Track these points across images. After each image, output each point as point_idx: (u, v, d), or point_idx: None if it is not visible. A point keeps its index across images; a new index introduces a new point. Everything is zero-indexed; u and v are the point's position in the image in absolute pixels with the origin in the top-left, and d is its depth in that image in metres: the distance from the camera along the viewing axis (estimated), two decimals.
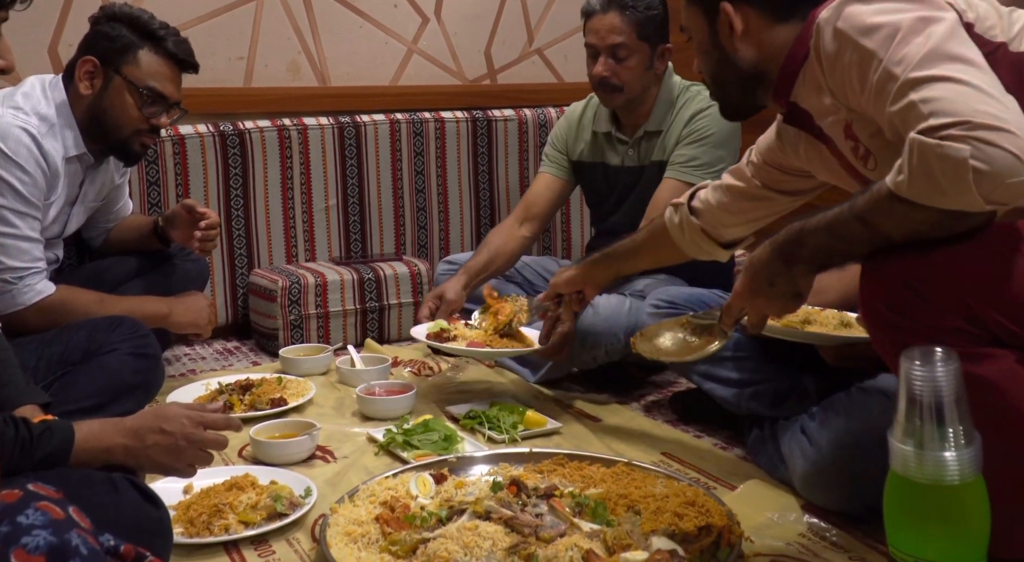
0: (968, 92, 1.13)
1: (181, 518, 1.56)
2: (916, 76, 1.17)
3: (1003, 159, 1.09)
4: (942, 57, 1.17)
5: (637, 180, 2.56)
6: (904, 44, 1.20)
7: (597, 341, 2.30)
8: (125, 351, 1.96)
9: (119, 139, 2.16)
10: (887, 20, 1.23)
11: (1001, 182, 1.10)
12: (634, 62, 2.42)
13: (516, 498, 1.58)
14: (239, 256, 2.95)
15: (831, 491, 1.61)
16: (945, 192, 1.13)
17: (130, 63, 2.12)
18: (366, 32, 3.21)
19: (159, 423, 1.39)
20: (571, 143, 2.67)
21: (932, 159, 1.12)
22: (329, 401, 2.29)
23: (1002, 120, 1.10)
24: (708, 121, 2.45)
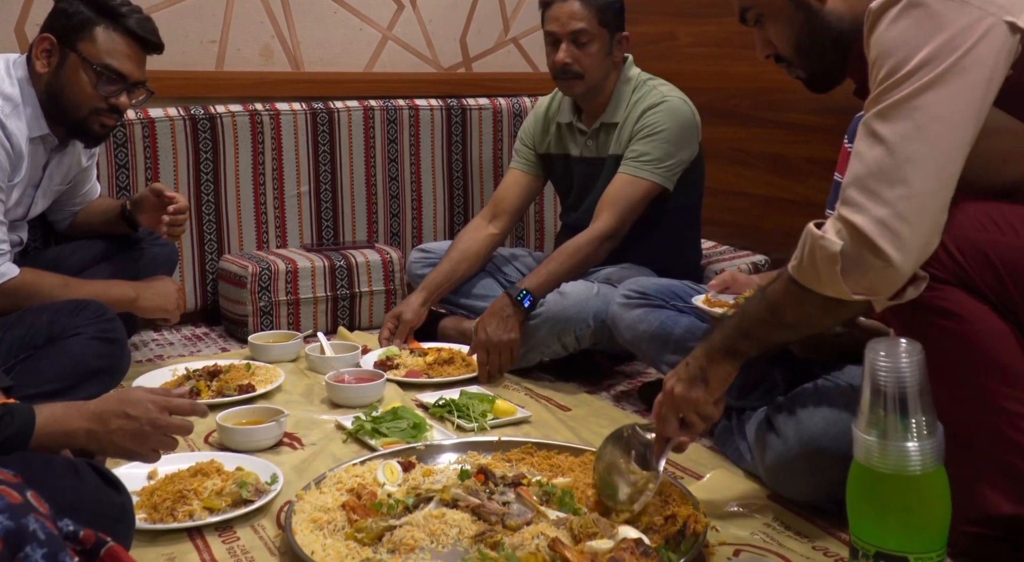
0: (889, 170, 1.16)
1: (145, 504, 1.54)
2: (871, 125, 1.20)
3: (866, 252, 1.16)
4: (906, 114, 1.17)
5: (597, 171, 2.57)
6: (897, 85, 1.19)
7: (567, 327, 2.30)
8: (89, 335, 1.93)
9: (77, 119, 2.11)
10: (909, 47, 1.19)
11: (863, 273, 1.17)
12: (595, 48, 2.44)
13: (483, 486, 1.58)
14: (209, 241, 2.93)
15: (796, 481, 1.62)
16: (821, 278, 1.21)
17: (86, 40, 2.06)
18: (341, 18, 3.18)
19: (123, 407, 1.37)
20: (539, 137, 2.70)
21: (814, 248, 1.20)
22: (298, 388, 2.27)
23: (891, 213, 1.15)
24: (659, 117, 2.45)
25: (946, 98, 1.18)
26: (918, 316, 1.28)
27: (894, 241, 1.15)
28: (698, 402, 1.43)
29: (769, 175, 2.98)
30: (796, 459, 1.60)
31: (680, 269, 2.50)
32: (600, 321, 2.28)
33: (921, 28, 1.20)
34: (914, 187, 1.16)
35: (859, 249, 1.16)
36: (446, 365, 2.36)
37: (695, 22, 3.11)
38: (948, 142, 1.17)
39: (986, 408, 1.23)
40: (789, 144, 2.91)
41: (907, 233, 1.15)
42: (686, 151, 2.48)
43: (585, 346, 2.36)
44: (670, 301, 2.20)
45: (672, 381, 1.46)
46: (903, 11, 1.22)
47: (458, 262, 2.64)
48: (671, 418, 1.46)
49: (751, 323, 1.37)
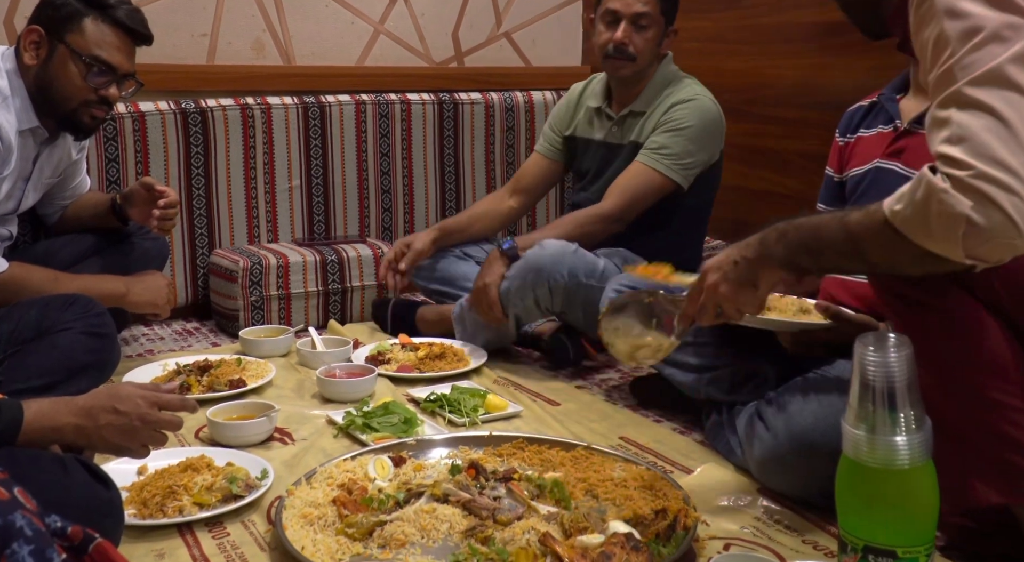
0: (1002, 135, 1.11)
1: (134, 499, 1.54)
2: (968, 94, 1.14)
3: (998, 220, 1.09)
4: (1003, 81, 1.12)
5: (615, 156, 2.60)
6: (978, 49, 1.14)
7: (540, 277, 2.33)
8: (78, 330, 1.92)
9: (66, 111, 2.10)
10: (977, 11, 1.15)
11: (987, 241, 1.11)
12: (651, 34, 2.50)
13: (474, 481, 1.58)
14: (200, 236, 2.92)
15: (786, 475, 1.62)
16: (933, 235, 1.14)
17: (74, 32, 2.05)
18: (332, 11, 3.17)
19: (113, 402, 1.37)
20: (567, 119, 2.75)
21: (933, 202, 1.13)
22: (289, 383, 2.27)
23: (1017, 178, 1.09)
24: (686, 113, 2.48)
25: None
26: (912, 310, 1.28)
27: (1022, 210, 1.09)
28: (745, 303, 1.41)
29: (761, 170, 2.98)
30: (786, 453, 1.61)
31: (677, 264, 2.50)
32: (573, 278, 2.32)
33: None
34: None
35: (990, 216, 1.09)
36: (437, 360, 2.36)
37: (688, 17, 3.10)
38: None
39: (977, 401, 1.23)
40: (781, 139, 2.91)
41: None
42: (706, 152, 2.50)
43: (556, 308, 2.38)
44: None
45: (716, 276, 1.41)
46: None
47: (476, 219, 2.75)
48: (709, 309, 1.44)
49: (822, 245, 1.30)
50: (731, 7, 2.96)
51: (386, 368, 2.32)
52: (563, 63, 3.57)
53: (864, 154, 1.85)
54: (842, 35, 2.49)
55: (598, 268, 2.36)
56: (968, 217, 1.10)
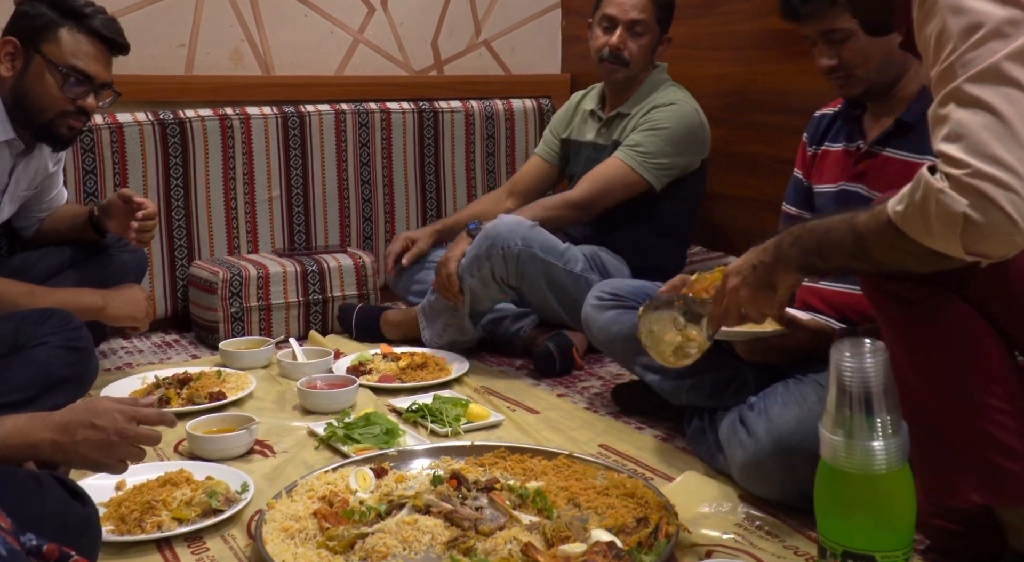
0: (1000, 132, 1.11)
1: (112, 515, 1.53)
2: (967, 90, 1.15)
3: (995, 217, 1.10)
4: (1002, 77, 1.13)
5: (600, 156, 2.65)
6: (978, 46, 1.15)
7: (493, 246, 2.37)
8: (55, 344, 1.91)
9: (43, 121, 2.08)
10: (979, 7, 1.16)
11: (986, 237, 1.11)
12: (646, 41, 2.58)
13: (456, 491, 1.57)
14: (179, 247, 2.90)
15: (768, 481, 1.63)
16: (932, 233, 1.15)
17: (50, 42, 2.04)
18: (311, 21, 3.16)
19: (90, 417, 1.35)
20: (565, 122, 2.84)
21: (931, 201, 1.14)
22: (270, 395, 2.26)
23: (1014, 174, 1.10)
24: (664, 114, 2.54)
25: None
26: (902, 309, 1.29)
27: (1020, 207, 1.10)
28: (765, 306, 1.43)
29: (738, 175, 2.99)
30: (767, 458, 1.61)
31: (657, 271, 2.52)
32: (528, 248, 2.36)
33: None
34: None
35: (987, 213, 1.10)
36: (419, 370, 2.35)
37: None
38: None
39: (963, 402, 1.24)
40: (757, 144, 2.92)
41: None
42: (683, 157, 2.55)
43: (512, 281, 2.41)
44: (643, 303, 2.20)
45: (736, 280, 1.44)
46: None
47: (473, 218, 2.76)
48: (732, 311, 1.47)
49: (832, 248, 1.31)
50: (706, 14, 2.98)
51: (367, 379, 2.31)
52: (543, 71, 3.58)
53: (830, 172, 1.88)
54: None
55: (558, 247, 2.42)
56: (965, 215, 1.10)
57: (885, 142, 1.77)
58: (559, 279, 2.40)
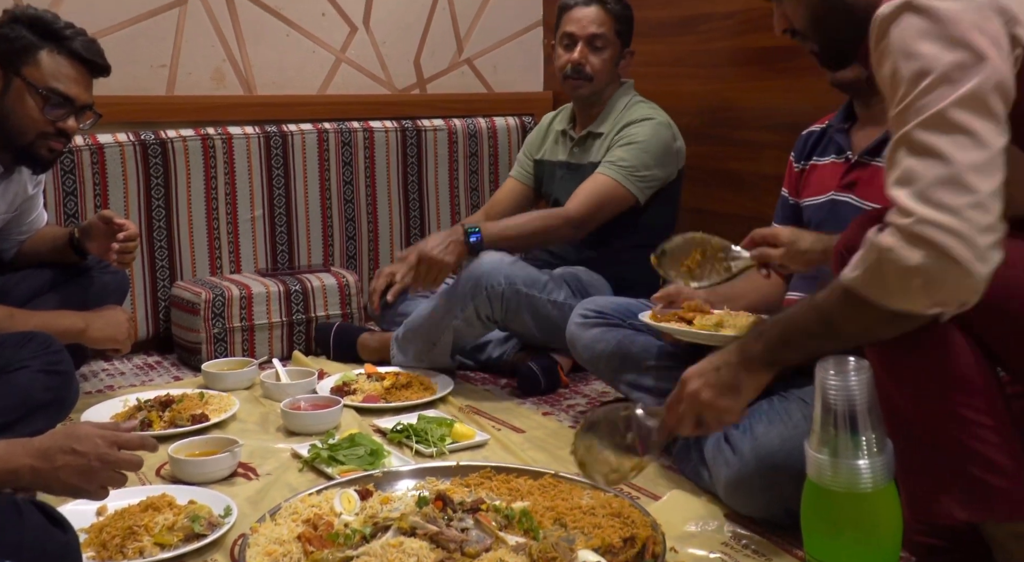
0: (946, 178, 1.13)
1: (93, 541, 1.51)
2: (916, 136, 1.16)
3: (947, 265, 1.11)
4: (949, 123, 1.15)
5: (578, 177, 2.65)
6: (928, 92, 1.17)
7: (479, 284, 2.36)
8: (36, 368, 1.89)
9: (23, 144, 2.07)
10: (928, 52, 1.18)
11: (942, 287, 1.13)
12: (607, 55, 2.60)
13: (442, 513, 1.56)
14: (161, 268, 2.88)
15: (753, 499, 1.62)
16: (892, 293, 1.16)
17: (30, 65, 2.03)
18: (293, 40, 3.17)
19: (70, 443, 1.34)
20: (537, 143, 2.86)
21: (884, 260, 1.15)
22: (253, 416, 2.24)
23: (963, 222, 1.12)
24: (640, 129, 2.57)
25: (986, 104, 1.16)
26: None
27: (973, 250, 1.11)
28: (727, 410, 1.39)
29: (721, 191, 3.01)
30: (752, 476, 1.61)
31: (638, 286, 2.53)
32: (511, 285, 2.36)
33: (943, 33, 1.18)
34: (980, 193, 1.13)
35: (938, 261, 1.12)
36: (404, 389, 2.34)
37: (645, 42, 3.13)
38: (996, 145, 1.16)
39: (946, 417, 1.24)
40: (740, 160, 2.94)
41: (981, 240, 1.12)
42: (663, 169, 2.57)
43: (498, 316, 2.40)
44: (627, 320, 2.20)
45: (698, 383, 1.40)
46: (914, 17, 1.20)
47: None
48: (689, 419, 1.42)
49: (797, 334, 1.32)
50: (687, 31, 3.00)
51: (352, 399, 2.30)
52: (525, 89, 3.59)
53: (819, 184, 1.89)
54: (797, 58, 2.53)
55: (539, 279, 2.42)
56: (919, 267, 1.12)
57: (875, 152, 1.78)
58: (544, 311, 2.39)
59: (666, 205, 2.62)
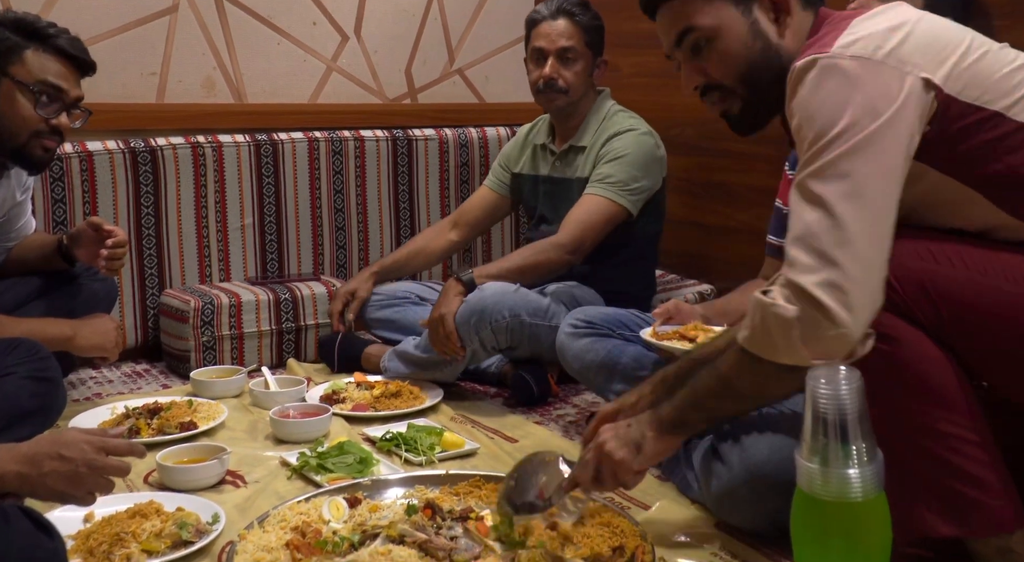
0: (829, 229, 1.18)
1: (80, 548, 1.49)
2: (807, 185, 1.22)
3: (819, 315, 1.17)
4: (838, 175, 1.20)
5: (562, 192, 2.66)
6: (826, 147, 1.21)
7: (483, 318, 2.32)
8: (22, 374, 1.87)
9: (17, 145, 2.05)
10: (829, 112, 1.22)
11: (817, 337, 1.18)
12: (579, 67, 2.59)
13: (431, 521, 1.56)
14: (150, 276, 2.87)
15: (742, 509, 1.62)
16: (777, 347, 1.21)
17: (16, 64, 2.02)
18: (284, 49, 3.17)
19: (57, 449, 1.34)
20: (515, 156, 2.83)
21: (768, 316, 1.21)
22: (242, 424, 2.23)
23: (840, 274, 1.17)
24: (623, 143, 2.55)
25: (876, 158, 1.20)
26: None
27: (845, 302, 1.16)
28: (621, 465, 1.41)
29: (712, 203, 3.02)
30: (741, 487, 1.61)
31: (629, 298, 2.53)
32: (516, 317, 2.33)
33: (842, 91, 1.23)
34: (858, 247, 1.17)
35: (812, 313, 1.17)
36: (393, 398, 2.34)
37: (636, 53, 3.15)
38: (883, 199, 1.21)
39: (923, 431, 1.25)
40: (732, 172, 2.95)
41: (856, 293, 1.17)
42: (649, 179, 2.57)
43: (503, 346, 2.39)
44: (617, 330, 2.20)
45: (609, 433, 1.42)
46: (822, 74, 1.24)
47: (414, 254, 2.83)
48: (589, 468, 1.43)
49: (702, 395, 1.36)
50: None
51: (341, 407, 2.29)
52: (516, 99, 3.60)
53: None
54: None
55: (542, 307, 2.39)
56: (796, 320, 1.17)
57: None
58: (548, 337, 2.36)
59: (653, 215, 2.63)
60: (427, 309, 2.64)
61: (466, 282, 2.40)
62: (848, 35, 1.27)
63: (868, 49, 1.24)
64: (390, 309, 2.69)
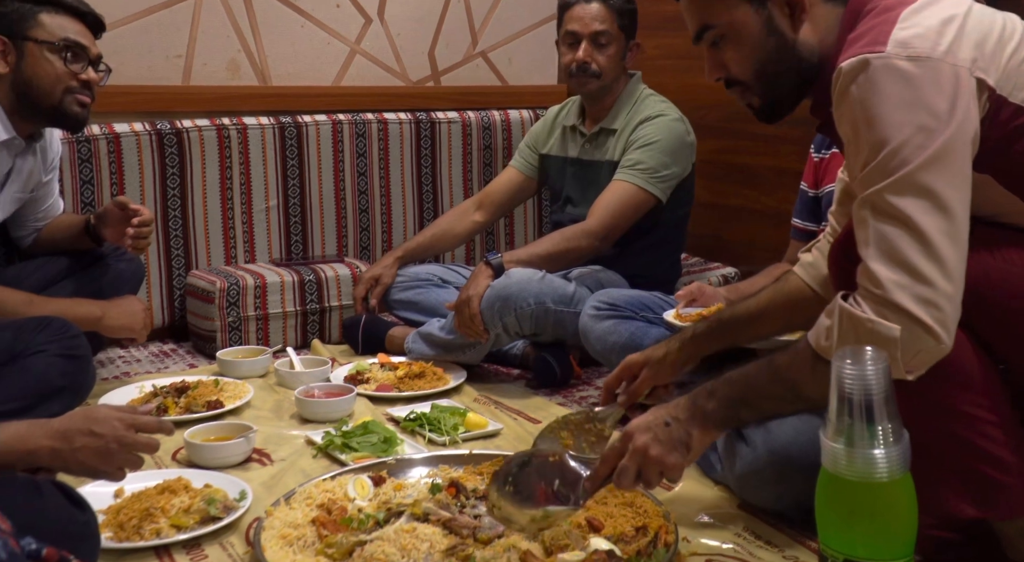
0: (916, 245, 1.15)
1: (111, 522, 1.52)
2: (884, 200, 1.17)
3: (922, 335, 1.15)
4: (917, 189, 1.16)
5: (591, 174, 2.65)
6: (892, 157, 1.17)
7: (507, 305, 2.32)
8: (53, 352, 1.90)
9: (52, 104, 2.11)
10: (893, 119, 1.17)
11: (916, 355, 1.16)
12: (612, 50, 2.57)
13: (455, 500, 1.57)
14: (176, 257, 2.90)
15: (766, 490, 1.63)
16: None
17: (34, 27, 2.09)
18: (308, 31, 3.17)
19: (89, 425, 1.35)
20: (543, 137, 2.82)
21: (864, 332, 1.17)
22: (267, 404, 2.25)
23: (933, 291, 1.14)
24: (653, 129, 2.54)
25: (950, 168, 1.16)
26: None
27: (941, 320, 1.14)
28: (674, 468, 1.36)
29: (737, 186, 3.01)
30: (765, 468, 1.61)
31: (654, 281, 2.53)
32: (541, 304, 2.33)
33: (905, 95, 1.17)
34: (946, 262, 1.15)
35: (916, 332, 1.15)
36: (417, 379, 2.35)
37: (661, 35, 3.14)
38: (961, 209, 1.17)
39: (947, 413, 1.24)
40: (756, 155, 2.94)
41: (949, 309, 1.15)
42: (679, 165, 2.55)
43: (527, 332, 2.39)
44: (640, 313, 2.21)
45: (645, 437, 1.36)
46: (880, 76, 1.19)
47: (438, 237, 2.81)
48: (631, 472, 1.37)
49: (756, 396, 1.33)
50: None
51: (365, 388, 2.31)
52: (539, 82, 3.60)
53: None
54: None
55: (568, 293, 2.38)
56: (898, 340, 1.15)
57: None
58: (572, 323, 2.36)
59: (682, 199, 2.62)
60: (449, 291, 2.65)
61: (495, 266, 2.40)
62: (901, 30, 1.20)
63: (925, 48, 1.18)
64: (412, 291, 2.70)
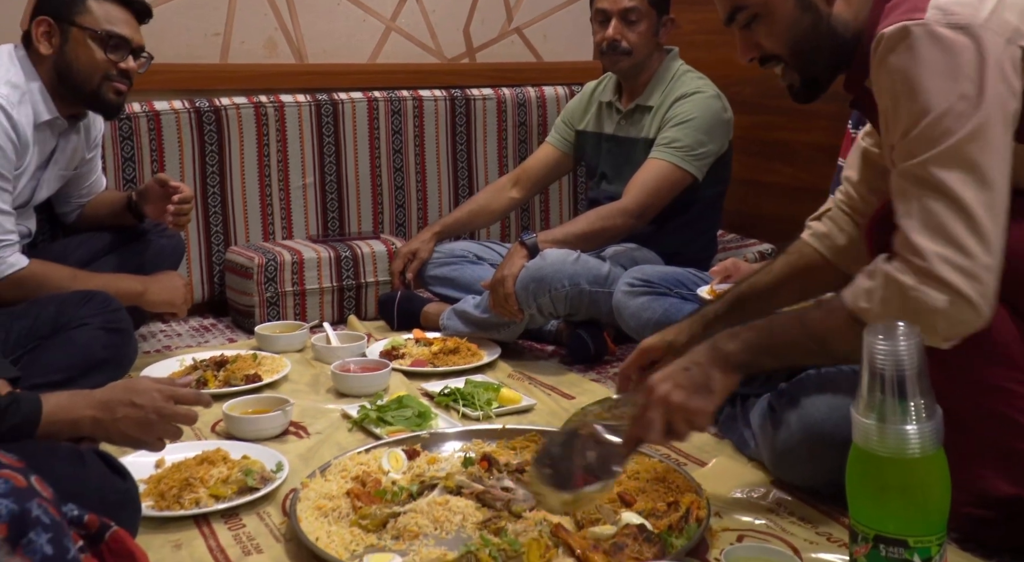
0: (960, 218, 1.14)
1: (152, 491, 1.56)
2: (927, 172, 1.16)
3: (965, 308, 1.15)
4: (959, 161, 1.15)
5: (626, 151, 2.63)
6: (934, 127, 1.16)
7: (542, 286, 2.32)
8: (96, 325, 1.95)
9: (90, 90, 2.15)
10: (934, 88, 1.16)
11: (957, 326, 1.16)
12: (643, 27, 2.54)
13: (488, 473, 1.59)
14: (215, 233, 2.94)
15: (799, 467, 1.62)
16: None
17: (81, 13, 2.12)
18: (344, 9, 3.18)
19: (129, 396, 1.39)
20: (580, 113, 2.80)
21: (907, 300, 1.17)
22: (304, 378, 2.28)
23: (976, 264, 1.14)
24: (690, 106, 2.51)
25: (994, 140, 1.15)
26: None
27: (983, 292, 1.14)
28: (699, 413, 1.35)
29: (773, 162, 2.98)
30: (799, 445, 1.60)
31: (690, 258, 2.52)
32: (575, 285, 2.33)
33: (947, 64, 1.16)
34: (988, 235, 1.15)
35: (959, 304, 1.15)
36: (451, 354, 2.37)
37: (697, 9, 3.10)
38: (1003, 182, 1.16)
39: (985, 389, 1.23)
40: (793, 131, 2.90)
41: (990, 282, 1.15)
42: (716, 143, 2.53)
43: (561, 313, 2.39)
44: (674, 289, 2.20)
45: (666, 386, 1.35)
46: (921, 44, 1.17)
47: (476, 214, 2.81)
48: (657, 423, 1.36)
49: (782, 345, 1.32)
50: None
51: (400, 363, 2.33)
52: (575, 58, 3.57)
53: None
54: None
55: (602, 273, 2.37)
56: (943, 310, 1.15)
57: None
58: (607, 303, 2.35)
59: (718, 177, 2.59)
60: (484, 268, 2.66)
61: (530, 246, 2.39)
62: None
63: (966, 15, 1.17)
64: (448, 267, 2.71)
